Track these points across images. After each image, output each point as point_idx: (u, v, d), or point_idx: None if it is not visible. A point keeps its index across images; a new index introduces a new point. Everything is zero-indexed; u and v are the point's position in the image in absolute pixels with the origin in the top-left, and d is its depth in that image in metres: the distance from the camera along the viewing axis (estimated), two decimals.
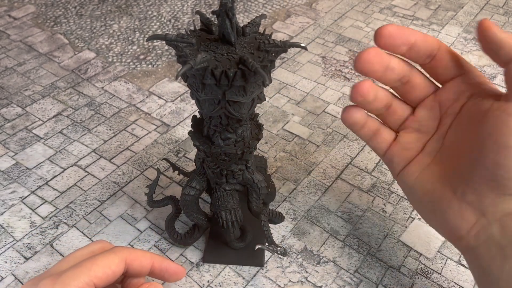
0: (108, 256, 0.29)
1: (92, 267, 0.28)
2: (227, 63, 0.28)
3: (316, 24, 0.71)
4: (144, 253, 0.31)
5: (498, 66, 0.60)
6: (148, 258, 0.31)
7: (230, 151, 0.33)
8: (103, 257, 0.28)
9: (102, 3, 0.75)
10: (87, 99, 0.56)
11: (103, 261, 0.28)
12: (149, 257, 0.31)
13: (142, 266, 0.30)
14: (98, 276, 0.28)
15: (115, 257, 0.29)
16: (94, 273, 0.27)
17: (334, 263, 0.39)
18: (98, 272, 0.28)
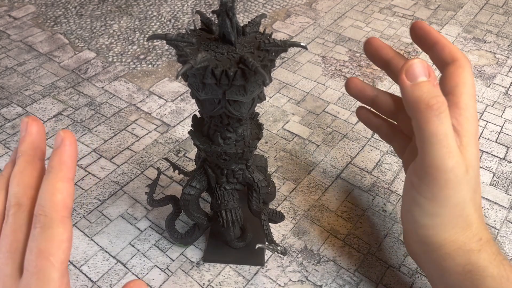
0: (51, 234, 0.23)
1: (51, 259, 0.23)
2: (227, 63, 0.28)
3: (316, 24, 0.71)
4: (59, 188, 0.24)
5: (495, 66, 0.60)
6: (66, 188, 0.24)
7: (230, 150, 0.33)
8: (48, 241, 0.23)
9: (102, 3, 0.75)
10: (87, 99, 0.56)
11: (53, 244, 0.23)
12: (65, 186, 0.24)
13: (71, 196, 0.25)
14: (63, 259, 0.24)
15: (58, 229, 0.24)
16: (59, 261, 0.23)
17: (334, 262, 0.39)
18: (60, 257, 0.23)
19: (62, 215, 0.24)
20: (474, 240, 0.31)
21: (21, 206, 0.25)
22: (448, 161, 0.29)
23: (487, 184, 0.47)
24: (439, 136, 0.29)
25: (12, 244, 0.24)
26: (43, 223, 0.23)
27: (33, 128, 0.26)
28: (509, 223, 0.43)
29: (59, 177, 0.24)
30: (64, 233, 0.23)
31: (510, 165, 0.49)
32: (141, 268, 0.39)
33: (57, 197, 0.24)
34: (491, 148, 0.51)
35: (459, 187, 0.30)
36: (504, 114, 0.55)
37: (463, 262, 0.31)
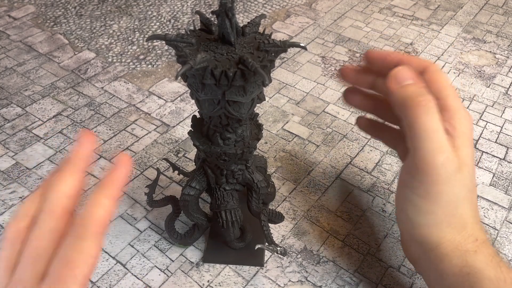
0: (81, 246, 0.23)
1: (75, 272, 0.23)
2: (226, 63, 0.28)
3: (316, 24, 0.71)
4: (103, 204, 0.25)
5: (495, 66, 0.60)
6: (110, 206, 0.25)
7: (230, 151, 0.33)
8: (77, 252, 0.23)
9: (102, 3, 0.75)
10: (87, 99, 0.56)
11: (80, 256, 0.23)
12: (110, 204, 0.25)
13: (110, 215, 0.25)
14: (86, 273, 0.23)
15: (89, 243, 0.24)
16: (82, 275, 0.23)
17: (334, 263, 0.39)
18: (84, 271, 0.23)
19: (98, 230, 0.24)
20: (470, 240, 0.31)
21: (53, 212, 0.25)
22: (438, 156, 0.30)
23: (487, 184, 0.47)
24: (429, 131, 0.30)
25: (36, 249, 0.24)
26: (78, 234, 0.24)
27: (86, 141, 0.27)
28: (508, 223, 0.43)
29: (106, 194, 0.25)
30: (94, 248, 0.24)
31: (510, 166, 0.49)
32: (140, 269, 0.39)
33: (99, 212, 0.24)
34: (491, 149, 0.51)
35: (450, 183, 0.30)
36: (504, 114, 0.55)
37: (460, 263, 0.31)
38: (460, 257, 0.31)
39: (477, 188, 0.46)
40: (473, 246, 0.31)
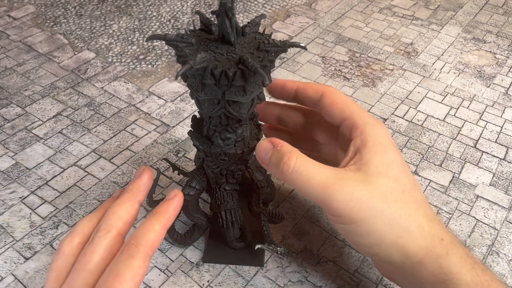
0: (131, 263, 0.25)
1: (123, 285, 0.24)
2: (226, 63, 0.28)
3: (316, 24, 0.71)
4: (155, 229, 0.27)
5: (495, 66, 0.60)
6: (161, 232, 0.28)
7: (229, 151, 0.33)
8: (127, 267, 0.25)
9: (102, 3, 0.75)
10: (87, 99, 0.56)
11: (129, 272, 0.25)
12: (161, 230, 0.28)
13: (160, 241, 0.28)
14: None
15: (139, 262, 0.25)
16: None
17: (334, 263, 0.39)
18: (131, 285, 0.25)
19: (148, 252, 0.26)
20: (436, 241, 0.30)
21: (108, 232, 0.27)
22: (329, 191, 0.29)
23: (487, 184, 0.47)
24: (307, 181, 0.30)
25: (87, 263, 0.26)
26: (131, 252, 0.25)
27: (145, 176, 0.30)
28: (509, 223, 0.43)
29: (159, 221, 0.28)
30: (143, 267, 0.25)
31: (510, 166, 0.49)
32: None
33: (151, 235, 0.27)
34: (491, 149, 0.51)
35: (360, 200, 0.29)
36: (504, 114, 0.55)
37: (436, 270, 0.29)
38: (433, 262, 0.29)
39: (477, 188, 0.46)
40: (442, 247, 0.29)
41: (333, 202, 0.29)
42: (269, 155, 0.31)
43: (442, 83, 0.60)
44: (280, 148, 0.31)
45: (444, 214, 0.44)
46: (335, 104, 0.33)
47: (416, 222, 0.30)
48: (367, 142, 0.31)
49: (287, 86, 0.36)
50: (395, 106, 0.56)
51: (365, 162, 0.30)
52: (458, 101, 0.57)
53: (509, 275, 0.39)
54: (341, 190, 0.29)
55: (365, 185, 0.29)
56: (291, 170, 0.30)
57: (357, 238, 0.31)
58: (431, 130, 0.53)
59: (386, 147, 0.31)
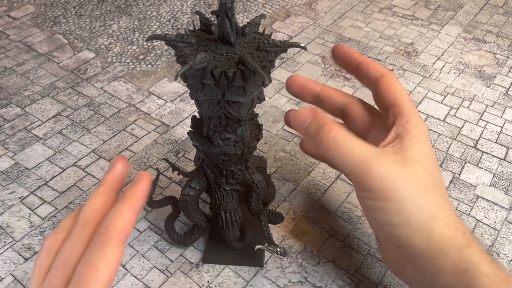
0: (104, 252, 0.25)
1: (98, 275, 0.24)
2: (226, 63, 0.27)
3: (316, 24, 0.71)
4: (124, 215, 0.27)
5: (495, 66, 0.60)
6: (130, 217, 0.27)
7: (229, 151, 0.33)
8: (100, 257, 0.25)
9: (102, 3, 0.75)
10: (87, 99, 0.56)
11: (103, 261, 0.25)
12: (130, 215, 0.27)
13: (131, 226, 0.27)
14: (108, 279, 0.25)
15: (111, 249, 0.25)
16: (104, 279, 0.24)
17: (334, 263, 0.39)
18: (106, 276, 0.24)
19: (120, 238, 0.26)
20: (459, 233, 0.30)
21: (85, 225, 0.27)
22: (369, 164, 0.30)
23: (487, 184, 0.47)
24: (347, 152, 0.31)
25: (66, 257, 0.26)
26: (102, 241, 0.25)
27: (119, 165, 0.29)
28: (509, 223, 0.43)
29: (127, 206, 0.27)
30: (116, 254, 0.25)
31: (510, 166, 0.49)
32: (140, 269, 0.39)
33: (121, 221, 0.26)
34: (491, 149, 0.50)
35: (397, 179, 0.30)
36: (504, 114, 0.55)
37: (457, 259, 0.30)
38: (455, 252, 0.30)
39: (478, 188, 0.46)
40: (464, 240, 0.30)
41: (369, 177, 0.30)
42: (308, 122, 0.32)
43: (442, 83, 0.59)
44: (321, 118, 0.32)
45: None
46: (390, 88, 0.34)
47: (443, 212, 0.31)
48: (409, 131, 0.32)
49: (353, 56, 0.37)
50: None
51: (405, 148, 0.31)
52: (458, 101, 0.57)
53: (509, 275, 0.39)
54: (380, 166, 0.30)
55: (402, 167, 0.30)
56: (332, 139, 0.31)
57: (384, 216, 0.31)
58: (431, 130, 0.53)
59: (425, 141, 0.32)
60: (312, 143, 0.32)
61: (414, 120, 0.33)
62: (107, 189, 0.29)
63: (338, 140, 0.31)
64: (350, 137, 0.31)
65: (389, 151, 0.31)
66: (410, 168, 0.30)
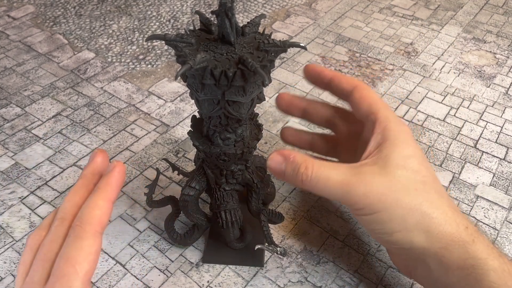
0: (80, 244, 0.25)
1: (76, 268, 0.24)
2: (226, 63, 0.27)
3: (316, 24, 0.71)
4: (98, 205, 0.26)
5: (495, 66, 0.60)
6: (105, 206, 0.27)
7: (229, 151, 0.33)
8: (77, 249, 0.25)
9: (102, 3, 0.75)
10: (87, 99, 0.56)
11: (81, 253, 0.25)
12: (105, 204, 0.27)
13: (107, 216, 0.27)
14: (88, 270, 0.25)
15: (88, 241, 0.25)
16: (83, 271, 0.24)
17: (334, 263, 0.39)
18: (85, 268, 0.24)
19: (96, 229, 0.26)
20: (461, 229, 0.30)
21: (64, 220, 0.27)
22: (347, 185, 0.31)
23: (487, 184, 0.47)
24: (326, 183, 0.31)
25: (46, 253, 0.26)
26: (77, 233, 0.25)
27: (98, 158, 0.29)
28: (509, 223, 0.43)
29: (101, 196, 0.27)
30: (93, 245, 0.25)
31: (510, 166, 0.49)
32: (140, 269, 0.39)
33: (95, 212, 0.26)
34: (491, 149, 0.50)
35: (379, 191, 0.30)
36: (504, 114, 0.55)
37: (463, 255, 0.30)
38: (460, 248, 0.30)
39: (478, 188, 0.46)
40: (468, 235, 0.30)
41: (353, 198, 0.31)
42: (283, 167, 0.32)
43: (442, 83, 0.59)
44: (293, 159, 0.32)
45: None
46: (365, 98, 0.35)
47: (439, 209, 0.31)
48: (388, 137, 0.32)
49: (324, 73, 0.38)
50: (395, 106, 0.56)
51: (384, 156, 0.31)
52: (458, 101, 0.57)
53: None
54: (359, 185, 0.30)
55: (382, 176, 0.31)
56: (310, 178, 0.31)
57: (379, 226, 0.31)
58: (431, 130, 0.53)
59: (406, 143, 0.32)
60: (295, 186, 0.33)
61: (392, 124, 0.33)
62: (86, 182, 0.28)
63: (315, 177, 0.31)
64: (325, 167, 0.31)
65: (368, 164, 0.32)
66: (392, 175, 0.31)
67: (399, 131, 0.32)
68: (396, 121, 0.33)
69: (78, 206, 0.27)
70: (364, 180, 0.31)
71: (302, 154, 0.33)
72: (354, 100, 0.36)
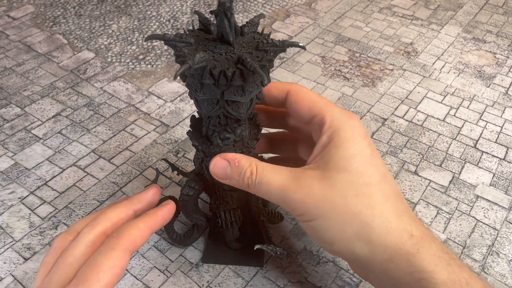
0: (110, 255, 0.26)
1: (99, 276, 0.25)
2: (225, 63, 0.27)
3: (316, 24, 0.71)
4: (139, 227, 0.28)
5: (495, 66, 0.60)
6: (144, 231, 0.28)
7: (228, 151, 0.33)
8: (105, 259, 0.25)
9: (101, 3, 0.75)
10: (86, 99, 0.56)
11: (107, 263, 0.25)
12: (145, 229, 0.28)
13: (143, 240, 0.28)
14: (109, 281, 0.25)
15: (118, 253, 0.26)
16: (105, 282, 0.25)
17: (334, 263, 0.39)
18: (108, 278, 0.25)
19: (128, 246, 0.26)
20: (405, 237, 0.28)
21: (93, 229, 0.27)
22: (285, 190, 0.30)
23: (487, 184, 0.46)
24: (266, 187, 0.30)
25: (68, 257, 0.26)
26: (111, 244, 0.26)
27: (151, 191, 0.32)
28: (509, 223, 0.43)
29: (145, 221, 0.28)
30: (122, 260, 0.26)
31: (510, 166, 0.49)
32: (140, 269, 0.39)
33: (134, 231, 0.27)
34: (491, 149, 0.50)
35: (316, 197, 0.29)
36: (504, 114, 0.55)
37: (408, 268, 0.27)
38: (404, 261, 0.27)
39: (478, 188, 0.46)
40: (412, 244, 0.28)
41: (291, 203, 0.30)
42: (228, 172, 0.31)
43: (442, 83, 0.59)
44: (238, 163, 0.31)
45: (444, 214, 0.44)
46: (302, 101, 0.32)
47: (381, 217, 0.28)
48: (332, 137, 0.30)
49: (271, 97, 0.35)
50: (395, 106, 0.56)
51: (326, 159, 0.30)
52: (458, 101, 0.57)
53: (509, 275, 0.39)
54: (297, 190, 0.29)
55: (321, 181, 0.29)
56: (254, 183, 0.30)
57: (319, 235, 0.30)
58: (431, 130, 0.53)
59: (352, 141, 0.30)
60: (242, 189, 0.32)
61: (337, 122, 0.30)
62: (128, 204, 0.30)
63: (258, 180, 0.30)
64: (268, 171, 0.30)
65: (310, 168, 0.30)
66: (330, 179, 0.29)
67: (345, 129, 0.30)
68: (342, 118, 0.31)
69: (111, 221, 0.28)
70: (302, 185, 0.29)
71: (247, 157, 0.31)
72: (291, 106, 0.33)
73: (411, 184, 0.46)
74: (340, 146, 0.29)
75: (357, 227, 0.28)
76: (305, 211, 0.29)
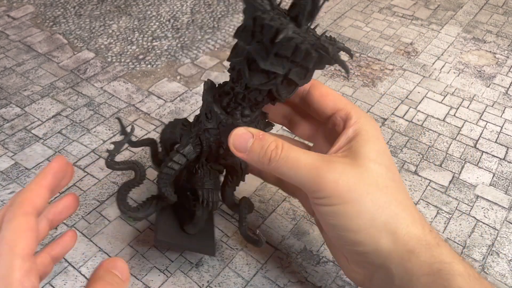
0: (11, 224, 0.24)
1: (10, 244, 0.24)
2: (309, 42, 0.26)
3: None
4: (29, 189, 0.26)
5: (495, 66, 0.60)
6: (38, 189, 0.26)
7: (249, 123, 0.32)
8: (9, 229, 0.24)
9: (101, 3, 0.75)
10: (86, 99, 0.56)
11: (12, 231, 0.24)
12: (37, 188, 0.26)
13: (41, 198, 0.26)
14: (24, 246, 0.24)
15: (19, 219, 0.24)
16: (20, 248, 0.24)
17: (334, 263, 0.39)
18: (21, 244, 0.24)
19: (26, 210, 0.25)
20: (426, 231, 0.29)
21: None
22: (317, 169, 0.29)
23: (487, 184, 0.47)
24: (292, 163, 0.29)
25: None
26: (8, 217, 0.25)
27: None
28: (509, 223, 0.43)
29: (34, 181, 0.26)
30: (25, 224, 0.24)
31: (510, 166, 0.49)
32: (140, 269, 0.39)
33: (26, 195, 0.25)
34: (491, 149, 0.50)
35: (350, 181, 0.29)
36: (504, 114, 0.55)
37: (429, 259, 0.28)
38: (426, 251, 0.28)
39: (477, 188, 0.46)
40: (432, 237, 0.29)
41: (321, 183, 0.29)
42: (249, 143, 0.30)
43: (442, 83, 0.60)
44: (262, 137, 0.30)
45: (444, 214, 0.44)
46: (327, 95, 0.33)
47: (407, 209, 0.29)
48: (360, 132, 0.31)
49: None
50: (395, 106, 0.56)
51: (355, 149, 0.30)
52: (458, 101, 0.57)
53: (509, 275, 0.39)
54: (330, 170, 0.29)
55: (355, 167, 0.29)
56: (279, 157, 0.29)
57: (344, 222, 0.29)
58: (431, 130, 0.53)
59: (378, 139, 0.31)
60: (258, 165, 0.31)
61: (363, 119, 0.32)
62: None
63: (284, 155, 0.29)
64: (294, 148, 0.30)
65: (338, 156, 0.30)
66: (364, 167, 0.29)
67: (370, 126, 0.31)
68: (366, 116, 0.32)
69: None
70: (335, 167, 0.29)
71: (271, 134, 0.31)
72: (315, 98, 0.34)
73: (411, 184, 0.46)
74: (369, 140, 0.31)
75: (386, 217, 0.29)
76: (335, 193, 0.29)
